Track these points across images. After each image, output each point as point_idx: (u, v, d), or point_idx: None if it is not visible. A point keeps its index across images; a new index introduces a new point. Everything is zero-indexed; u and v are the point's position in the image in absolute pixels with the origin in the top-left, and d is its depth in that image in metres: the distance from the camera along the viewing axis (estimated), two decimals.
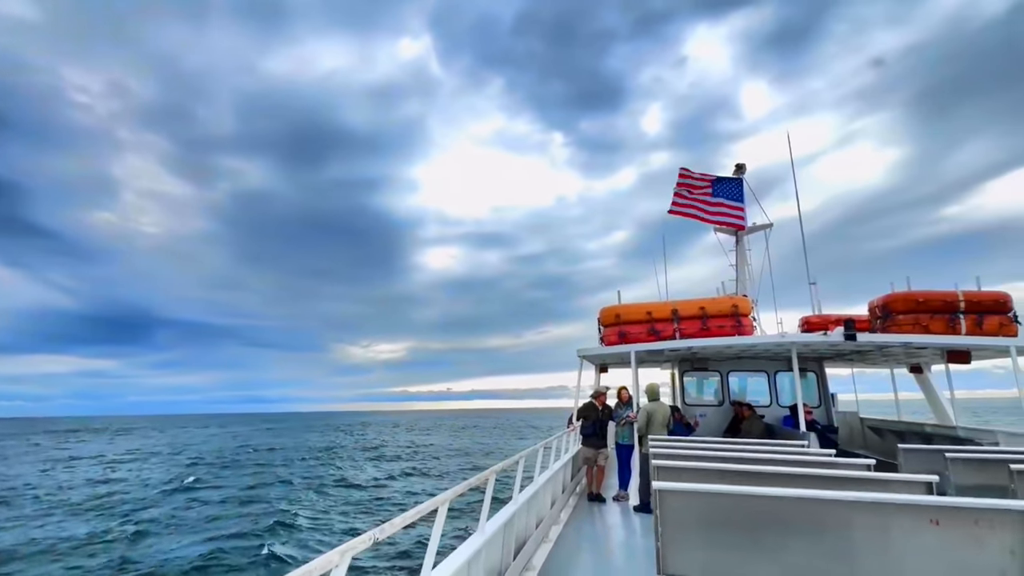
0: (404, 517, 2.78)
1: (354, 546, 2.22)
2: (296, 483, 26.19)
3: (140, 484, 26.66)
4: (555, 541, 5.81)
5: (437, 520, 3.22)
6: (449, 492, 3.42)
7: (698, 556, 3.12)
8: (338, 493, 23.47)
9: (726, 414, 10.95)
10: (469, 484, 3.85)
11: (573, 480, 8.78)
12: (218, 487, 25.57)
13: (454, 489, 3.53)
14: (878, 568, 2.93)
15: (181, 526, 17.50)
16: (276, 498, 22.00)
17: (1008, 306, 8.68)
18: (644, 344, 9.60)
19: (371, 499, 21.98)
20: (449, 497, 3.36)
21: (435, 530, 3.15)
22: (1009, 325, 8.57)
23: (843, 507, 3.01)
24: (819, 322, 11.33)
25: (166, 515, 19.10)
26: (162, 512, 19.62)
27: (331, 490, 24.18)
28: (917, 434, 9.89)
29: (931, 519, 2.90)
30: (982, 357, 9.51)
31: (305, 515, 18.51)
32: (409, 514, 2.85)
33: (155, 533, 16.58)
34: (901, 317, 8.92)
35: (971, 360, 9.56)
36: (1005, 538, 2.81)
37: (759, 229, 12.71)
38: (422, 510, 2.97)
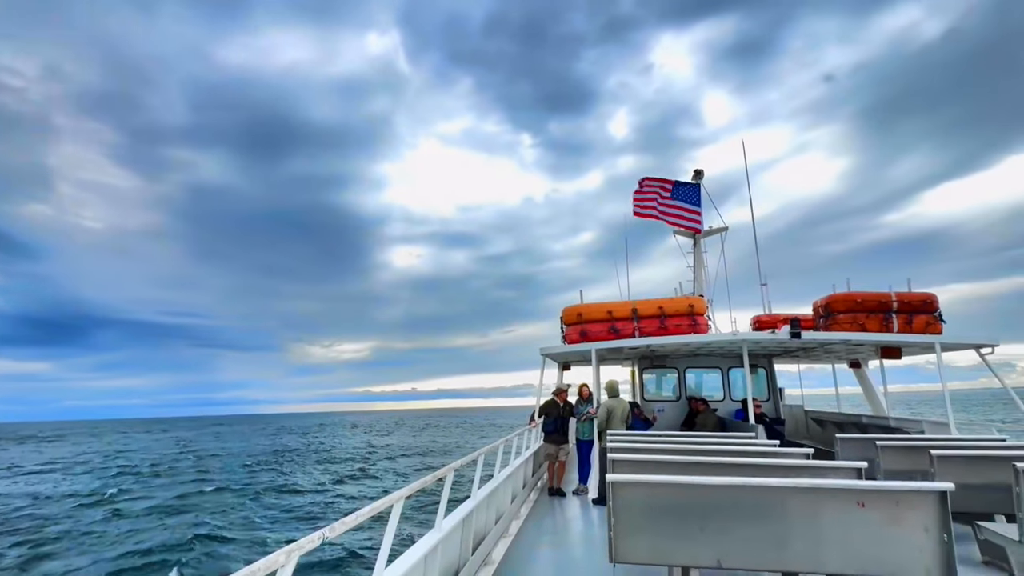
0: (356, 515, 2.73)
1: (301, 546, 2.15)
2: (232, 490, 24.86)
3: (55, 498, 24.27)
4: (515, 535, 5.96)
5: (391, 518, 3.17)
6: (404, 489, 3.37)
7: (646, 544, 3.34)
8: (277, 500, 22.32)
9: (683, 409, 11.44)
10: (425, 482, 3.81)
11: (534, 476, 8.98)
12: (144, 498, 23.68)
13: (410, 486, 3.50)
14: (809, 547, 3.23)
15: (88, 544, 15.89)
16: (207, 508, 20.70)
17: (934, 306, 9.47)
18: (605, 342, 9.92)
19: (312, 505, 21.01)
20: (404, 494, 3.31)
21: (389, 528, 3.10)
22: (935, 324, 9.35)
23: (781, 493, 3.30)
24: (769, 321, 12.01)
25: (74, 532, 17.31)
26: (70, 529, 17.77)
27: (270, 497, 22.93)
28: (854, 424, 10.64)
29: (858, 501, 3.22)
30: (911, 353, 10.32)
31: (234, 526, 17.50)
32: (362, 512, 2.80)
33: (55, 554, 14.89)
34: (841, 316, 9.60)
35: (902, 356, 10.36)
36: (921, 516, 3.15)
37: (715, 232, 13.30)
38: (376, 508, 2.94)
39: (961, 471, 4.97)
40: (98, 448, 57.93)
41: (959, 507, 4.95)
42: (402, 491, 3.30)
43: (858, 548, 3.21)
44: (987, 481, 4.87)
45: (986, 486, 4.86)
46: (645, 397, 12.29)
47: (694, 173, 13.34)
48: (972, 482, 4.93)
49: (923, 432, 8.66)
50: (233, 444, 58.90)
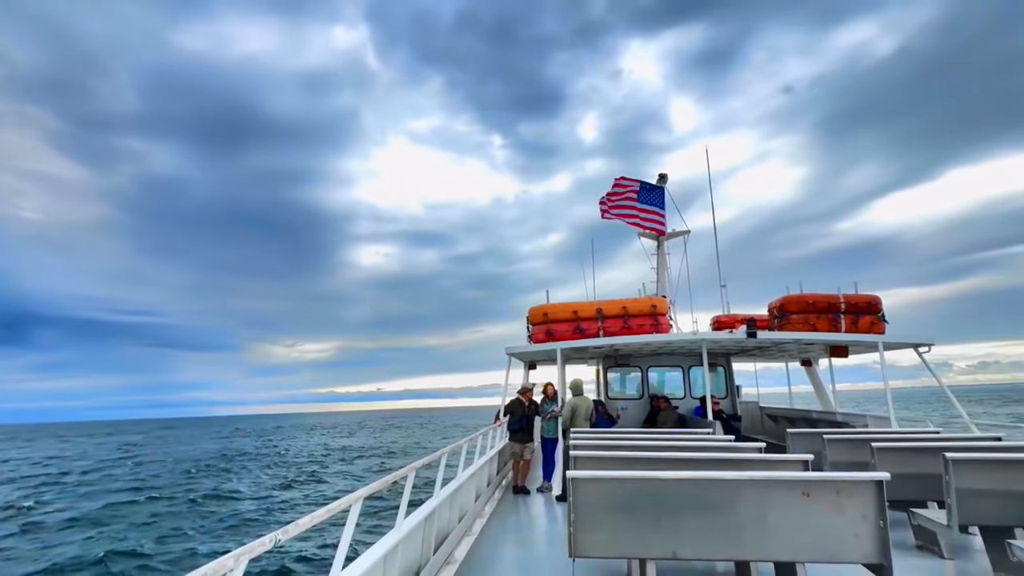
0: (312, 517, 2.67)
1: (252, 549, 2.09)
2: (167, 499, 23.01)
3: None
4: (478, 534, 6.00)
5: (349, 519, 3.11)
6: (363, 490, 3.32)
7: (604, 538, 3.46)
8: (215, 508, 20.77)
9: (646, 407, 11.76)
10: (386, 481, 3.76)
11: (499, 474, 9.04)
12: (65, 509, 21.26)
13: (369, 487, 3.45)
14: (758, 536, 3.41)
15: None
16: (133, 519, 19.01)
17: (878, 307, 10.07)
18: (570, 342, 10.09)
19: (254, 512, 19.63)
20: (363, 495, 3.25)
21: (347, 529, 3.06)
22: (878, 324, 9.94)
23: (732, 485, 3.47)
24: (727, 321, 12.48)
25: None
26: None
27: (208, 505, 21.38)
28: (805, 419, 11.20)
29: (803, 492, 3.42)
30: (857, 352, 10.92)
31: (162, 538, 16.17)
32: (318, 514, 2.73)
33: None
34: (794, 317, 10.09)
35: (849, 354, 10.96)
36: (860, 504, 3.38)
37: (678, 235, 13.70)
38: (333, 509, 2.87)
39: (898, 462, 5.33)
40: (26, 455, 53.40)
41: (896, 495, 5.31)
42: (361, 491, 3.27)
43: (803, 536, 3.41)
44: (921, 471, 5.23)
45: (920, 475, 5.23)
46: (609, 395, 12.55)
47: (659, 177, 13.69)
48: (908, 472, 5.29)
49: (867, 426, 9.21)
50: (180, 448, 55.90)
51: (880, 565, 3.33)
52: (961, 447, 5.05)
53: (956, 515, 4.29)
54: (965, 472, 4.31)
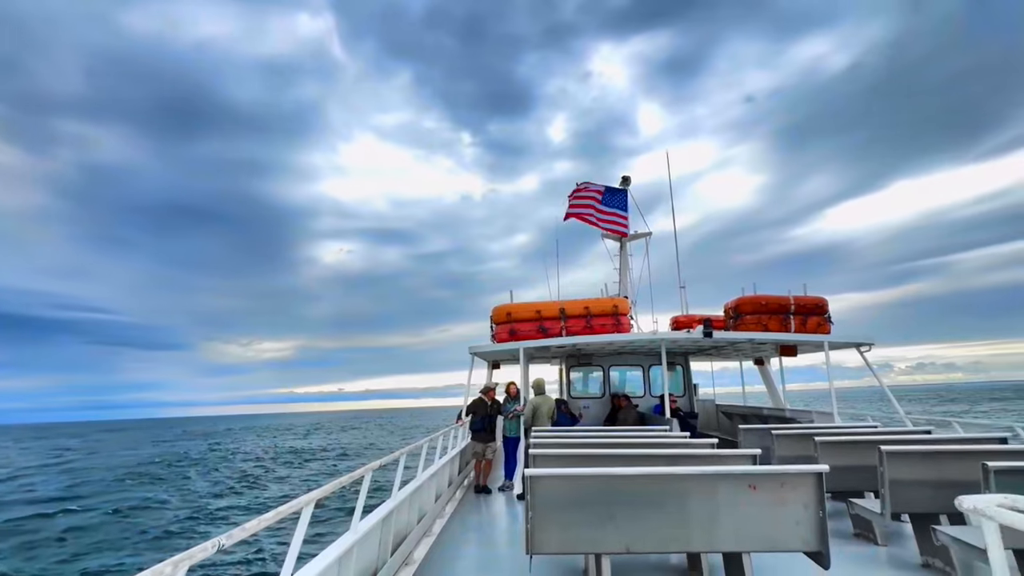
0: (259, 521, 2.56)
1: (192, 555, 1.98)
2: (89, 511, 20.70)
3: None
4: (438, 534, 5.99)
5: (300, 523, 3.01)
6: (316, 492, 3.24)
7: (560, 534, 3.55)
8: (139, 519, 19.02)
9: (607, 405, 12.01)
10: (340, 483, 3.69)
11: (461, 474, 9.04)
12: None
13: (322, 489, 3.38)
14: (708, 529, 3.57)
15: None
16: (32, 537, 17.05)
17: (824, 308, 10.64)
18: (533, 341, 10.18)
19: (185, 522, 18.25)
20: (316, 497, 3.17)
21: (297, 533, 2.96)
22: (825, 324, 10.50)
23: (684, 480, 3.62)
24: (686, 321, 12.89)
25: None
26: None
27: (133, 516, 19.60)
28: (757, 416, 11.72)
29: (750, 485, 3.59)
30: (805, 351, 11.50)
31: (72, 557, 14.53)
32: (265, 518, 2.63)
33: None
34: (748, 317, 10.54)
35: (797, 353, 11.52)
36: (801, 495, 3.59)
37: (640, 237, 14.05)
38: (281, 512, 2.78)
39: (839, 455, 5.66)
40: None
41: (837, 486, 5.65)
42: (313, 493, 3.19)
43: (749, 527, 3.59)
44: (860, 463, 5.57)
45: (859, 467, 5.57)
46: (572, 394, 12.75)
47: (622, 179, 14.00)
48: (848, 464, 5.63)
49: (812, 421, 9.72)
50: (119, 453, 52.41)
51: (819, 552, 3.54)
52: (895, 440, 5.42)
53: (889, 504, 4.60)
54: (897, 463, 4.62)
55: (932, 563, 4.58)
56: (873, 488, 5.43)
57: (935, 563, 4.55)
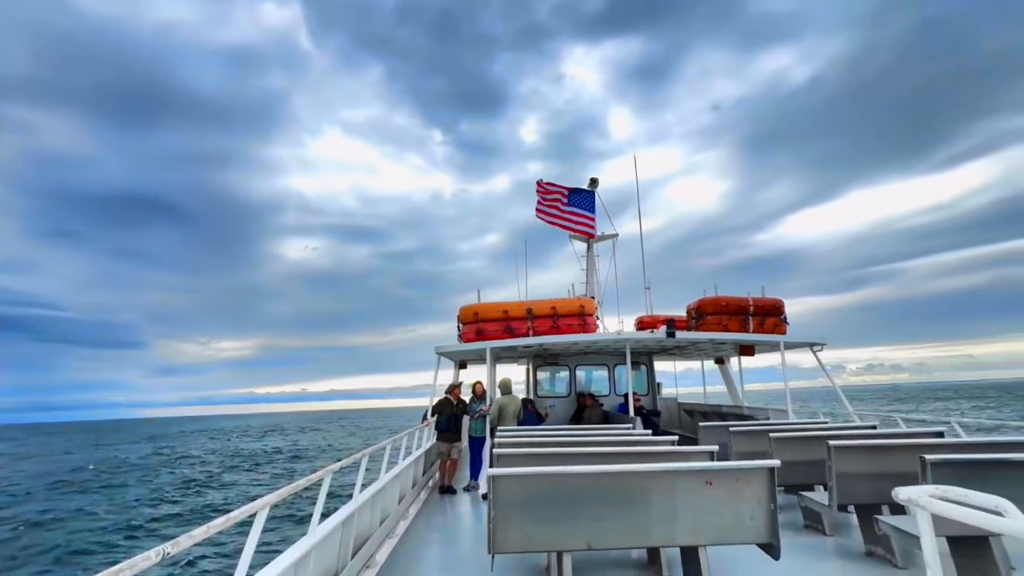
0: (209, 527, 2.48)
1: (134, 564, 1.90)
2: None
3: None
4: (400, 536, 5.94)
5: (254, 528, 2.92)
6: (272, 495, 3.14)
7: (521, 533, 3.58)
8: (53, 532, 17.46)
9: (573, 404, 12.16)
10: (298, 486, 3.59)
11: (425, 475, 8.98)
12: None
13: (278, 492, 3.27)
14: (667, 524, 3.67)
15: None
16: None
17: (781, 309, 11.07)
18: (500, 341, 10.20)
19: (111, 533, 16.99)
20: (271, 501, 3.08)
21: (251, 538, 2.86)
22: (781, 325, 10.94)
23: (644, 477, 3.71)
24: (650, 322, 13.19)
25: None
26: None
27: (51, 528, 18.10)
28: (716, 414, 12.10)
29: (707, 480, 3.71)
30: (763, 351, 11.93)
31: None
32: (217, 523, 2.54)
33: None
34: (709, 317, 10.87)
35: (755, 353, 11.93)
36: (755, 490, 3.73)
37: (607, 238, 14.28)
38: (233, 518, 2.69)
39: (792, 450, 5.92)
40: None
41: (789, 480, 5.91)
42: (268, 497, 3.11)
43: (706, 521, 3.72)
44: (810, 457, 5.84)
45: (809, 462, 5.83)
46: (538, 394, 12.85)
47: (590, 181, 14.19)
48: (799, 459, 5.89)
49: (768, 418, 10.11)
50: (52, 458, 49.05)
51: (770, 544, 3.70)
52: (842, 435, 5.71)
53: (836, 496, 4.84)
54: (844, 457, 4.87)
55: (874, 551, 4.85)
56: (822, 482, 5.70)
57: (877, 551, 4.82)
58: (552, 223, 13.85)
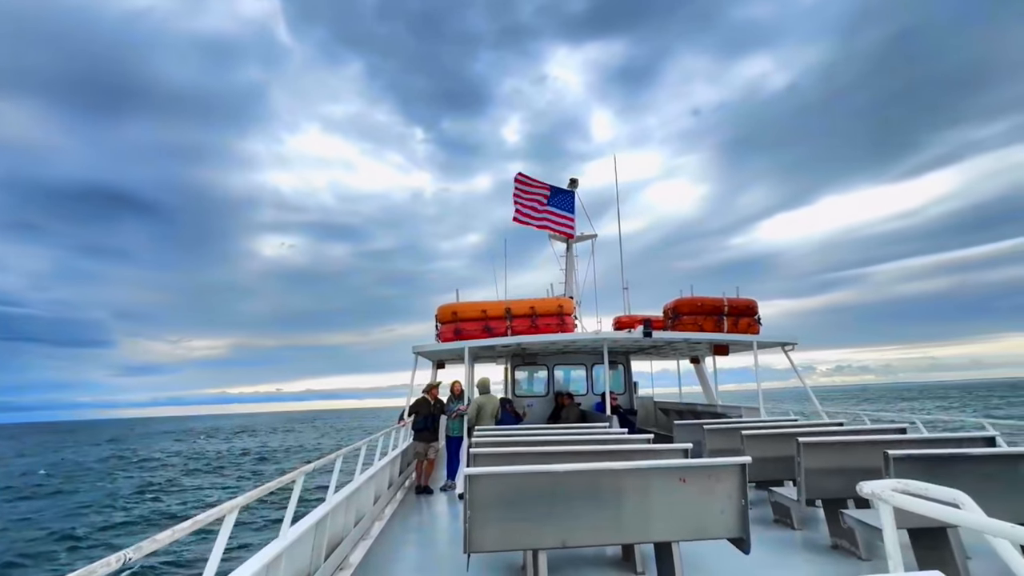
0: (174, 531, 2.39)
1: (92, 571, 1.85)
2: None
3: None
4: (375, 537, 5.89)
5: (222, 532, 2.84)
6: (241, 498, 3.07)
7: (498, 532, 3.59)
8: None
9: (551, 403, 12.23)
10: (269, 488, 3.51)
11: (402, 475, 8.92)
12: None
13: (248, 494, 3.20)
14: (641, 521, 3.73)
15: None
16: None
17: (754, 310, 11.32)
18: (478, 340, 10.19)
19: (51, 542, 15.88)
20: (240, 503, 3.00)
21: (218, 542, 2.78)
22: (754, 325, 11.18)
23: (619, 475, 3.76)
24: (628, 322, 13.34)
25: None
26: None
27: None
28: (691, 412, 12.31)
29: (680, 477, 3.78)
30: (737, 350, 12.18)
31: None
32: (182, 527, 2.47)
33: None
34: (685, 318, 11.05)
35: (729, 352, 12.18)
36: (727, 486, 3.81)
37: (586, 239, 14.39)
38: (201, 521, 2.61)
39: (763, 447, 6.07)
40: None
41: (760, 476, 6.05)
42: (237, 500, 3.02)
43: (679, 517, 3.79)
44: (780, 454, 5.99)
45: (780, 458, 5.99)
46: (517, 393, 12.89)
47: (570, 181, 14.28)
48: (770, 455, 6.04)
49: (741, 416, 10.33)
50: (1, 462, 46.47)
51: (740, 538, 3.80)
52: (811, 432, 5.88)
53: (804, 491, 4.99)
54: (812, 453, 5.02)
55: (840, 544, 5.02)
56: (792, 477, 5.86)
57: (842, 544, 4.99)
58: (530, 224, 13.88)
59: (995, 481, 3.91)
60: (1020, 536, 1.56)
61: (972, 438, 5.25)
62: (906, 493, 2.10)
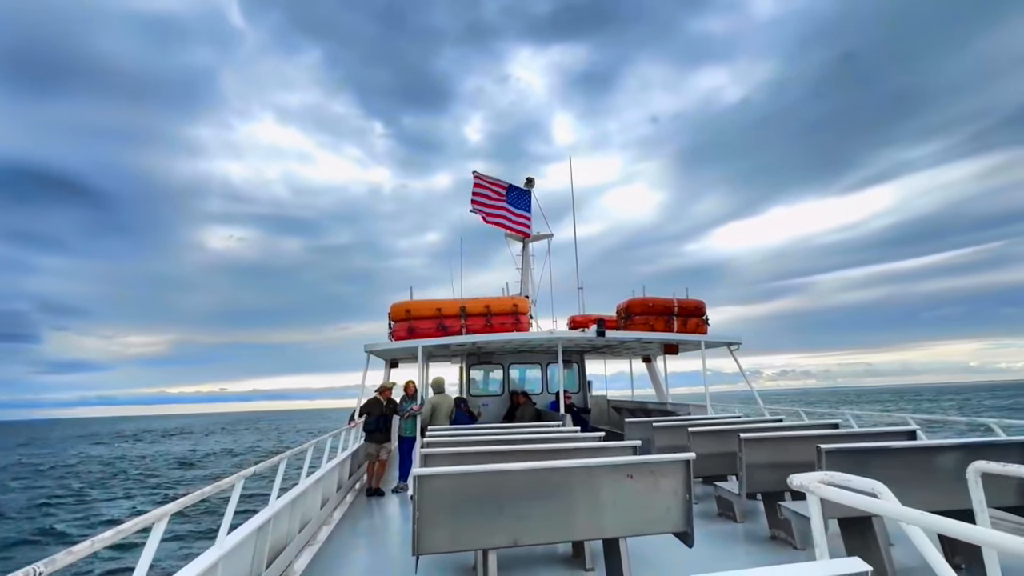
0: (93, 542, 2.24)
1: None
2: None
3: None
4: (323, 542, 5.74)
5: (150, 541, 2.67)
6: (171, 505, 2.89)
7: (447, 533, 3.58)
8: None
9: (507, 403, 12.28)
10: (204, 493, 3.32)
11: (352, 477, 8.73)
12: None
13: (180, 500, 3.02)
14: (591, 518, 3.81)
15: None
16: None
17: (703, 310, 11.79)
18: (432, 339, 10.09)
19: None
20: (170, 510, 2.83)
21: (145, 552, 2.60)
22: (703, 325, 11.63)
23: (569, 472, 3.82)
24: (582, 321, 13.58)
25: None
26: None
27: None
28: (643, 410, 12.69)
29: (628, 474, 3.88)
30: (686, 350, 12.64)
31: None
32: (104, 537, 2.31)
33: None
34: (637, 318, 11.36)
35: (679, 351, 12.63)
36: (672, 482, 3.95)
37: (542, 238, 14.53)
38: (125, 530, 2.45)
39: (708, 443, 6.34)
40: None
41: (706, 472, 6.31)
42: (167, 507, 2.85)
43: (627, 513, 3.89)
44: (725, 450, 6.27)
45: (724, 454, 6.27)
46: (472, 392, 12.87)
47: (526, 180, 14.36)
48: (715, 451, 6.31)
49: (689, 414, 10.73)
50: None
51: (684, 532, 3.95)
52: (752, 428, 6.19)
53: (745, 485, 5.25)
54: (753, 449, 5.28)
55: (778, 535, 5.31)
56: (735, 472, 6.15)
57: (780, 535, 5.29)
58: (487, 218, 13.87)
59: (914, 471, 4.24)
60: (928, 523, 1.69)
61: (896, 432, 5.68)
62: (831, 484, 2.24)
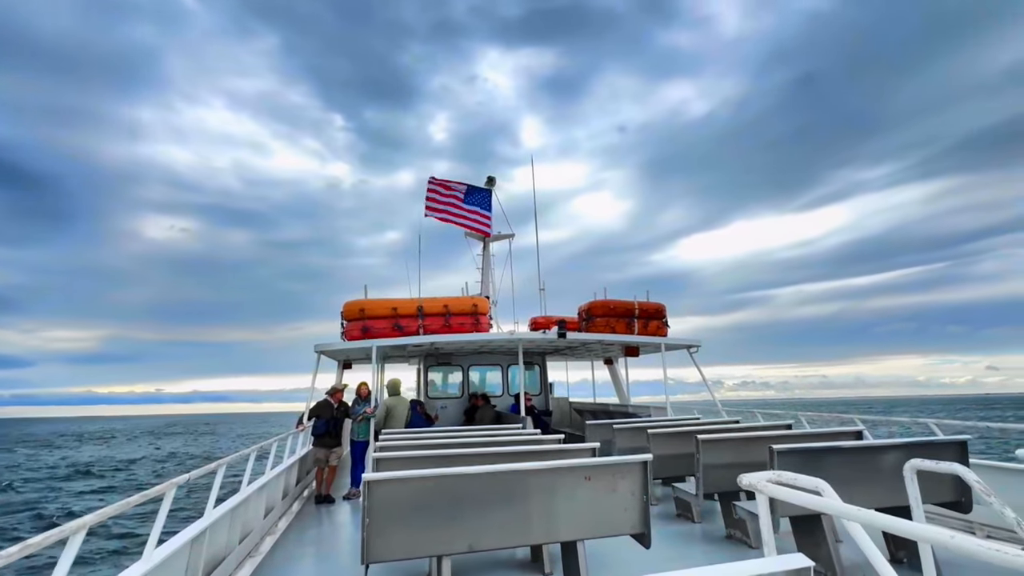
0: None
1: None
2: None
3: None
4: (266, 554, 5.48)
5: (64, 556, 2.52)
6: (91, 516, 2.73)
7: (400, 539, 3.47)
8: None
9: (466, 405, 12.15)
10: (129, 503, 3.15)
11: (299, 484, 8.41)
12: None
13: (102, 511, 2.85)
14: (547, 521, 3.79)
15: None
16: None
17: (663, 313, 12.06)
18: (388, 339, 9.86)
19: None
20: (89, 522, 2.66)
21: (58, 569, 2.45)
22: (663, 328, 11.89)
23: (526, 475, 3.80)
24: (544, 322, 13.64)
25: None
26: None
27: None
28: (604, 412, 12.85)
29: (586, 476, 3.88)
30: (647, 352, 12.89)
31: None
32: (10, 552, 2.18)
33: None
34: (599, 320, 11.49)
35: (640, 353, 12.87)
36: (630, 483, 3.98)
37: (503, 238, 14.51)
38: (33, 545, 2.31)
39: (667, 445, 6.47)
40: None
41: (665, 473, 6.43)
42: (86, 518, 2.67)
43: (584, 516, 3.90)
44: (683, 451, 6.41)
45: (682, 455, 6.41)
46: (430, 395, 12.68)
47: (487, 179, 14.31)
48: (674, 453, 6.45)
49: (650, 416, 10.95)
50: None
51: (642, 534, 3.99)
52: (709, 430, 6.35)
53: (702, 486, 5.38)
54: (709, 450, 5.42)
55: (733, 534, 5.47)
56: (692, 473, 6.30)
57: (735, 534, 5.44)
58: (445, 220, 13.71)
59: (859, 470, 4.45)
60: (866, 519, 1.76)
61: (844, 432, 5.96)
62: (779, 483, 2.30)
